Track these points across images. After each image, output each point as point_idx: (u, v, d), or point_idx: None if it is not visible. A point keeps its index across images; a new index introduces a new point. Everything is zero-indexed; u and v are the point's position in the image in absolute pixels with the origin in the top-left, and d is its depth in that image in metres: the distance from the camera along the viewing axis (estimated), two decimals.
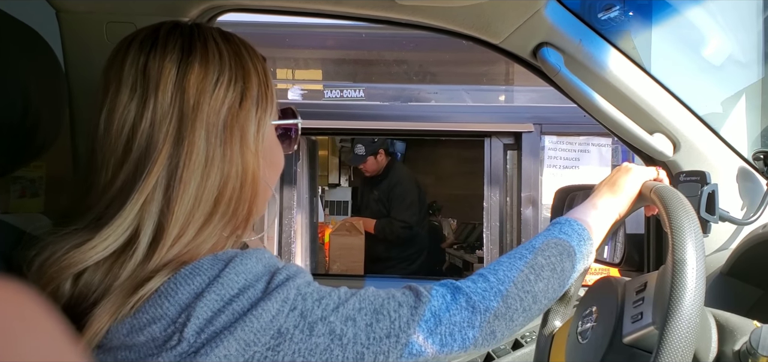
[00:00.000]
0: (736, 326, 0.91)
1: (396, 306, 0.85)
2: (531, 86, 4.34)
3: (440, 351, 0.86)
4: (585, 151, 3.81)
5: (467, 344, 0.88)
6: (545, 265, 0.96)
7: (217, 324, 0.74)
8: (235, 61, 0.89)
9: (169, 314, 0.75)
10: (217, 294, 0.76)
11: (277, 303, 0.77)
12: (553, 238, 1.00)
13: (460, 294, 0.89)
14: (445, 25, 1.35)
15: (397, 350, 0.83)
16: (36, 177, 1.51)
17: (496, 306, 0.90)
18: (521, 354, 1.91)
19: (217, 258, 0.79)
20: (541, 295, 0.95)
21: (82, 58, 1.26)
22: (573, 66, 1.32)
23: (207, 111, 0.84)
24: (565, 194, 1.61)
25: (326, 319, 0.80)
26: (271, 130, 0.95)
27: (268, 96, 0.92)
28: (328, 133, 4.89)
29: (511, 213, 3.74)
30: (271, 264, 0.82)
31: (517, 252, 0.99)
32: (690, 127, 1.36)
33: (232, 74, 0.88)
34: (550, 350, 1.27)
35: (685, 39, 1.67)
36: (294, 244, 3.88)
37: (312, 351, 0.78)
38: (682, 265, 0.83)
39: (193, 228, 0.82)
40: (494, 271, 0.94)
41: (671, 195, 0.96)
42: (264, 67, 0.94)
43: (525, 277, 0.93)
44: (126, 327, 0.75)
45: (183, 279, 0.77)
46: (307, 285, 0.82)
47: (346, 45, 4.79)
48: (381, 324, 0.83)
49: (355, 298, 0.84)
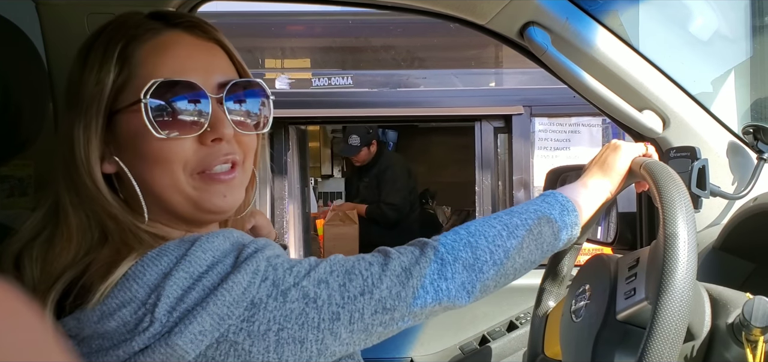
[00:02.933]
0: (729, 299, 0.91)
1: (366, 266, 0.86)
2: (520, 69, 4.33)
3: (414, 304, 0.87)
4: (575, 131, 3.82)
5: (441, 296, 0.88)
6: (520, 225, 0.97)
7: (188, 302, 0.74)
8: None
9: (139, 296, 0.74)
10: (185, 272, 0.75)
11: (248, 274, 0.77)
12: (534, 205, 1.02)
13: (429, 247, 0.90)
14: (430, 7, 1.34)
15: (371, 306, 0.83)
16: (24, 175, 1.49)
17: (464, 257, 0.91)
18: (516, 335, 1.91)
19: (183, 240, 0.79)
20: (514, 253, 0.95)
21: (63, 50, 1.24)
22: (560, 45, 1.31)
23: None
24: (556, 175, 1.61)
25: (299, 285, 0.80)
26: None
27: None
28: (317, 121, 4.87)
29: (503, 197, 3.75)
30: (238, 242, 0.82)
31: (495, 214, 1.01)
32: (679, 102, 1.36)
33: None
34: (544, 330, 1.27)
35: (671, 14, 1.67)
36: (286, 235, 3.87)
37: (287, 317, 0.78)
38: (674, 239, 0.83)
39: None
40: (466, 227, 0.96)
41: (661, 170, 0.96)
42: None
43: (497, 233, 0.95)
44: (96, 315, 0.74)
45: (150, 261, 0.76)
46: (277, 256, 0.83)
47: (334, 32, 4.78)
48: (354, 283, 0.83)
49: (325, 263, 0.85)
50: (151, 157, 0.84)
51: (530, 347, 1.32)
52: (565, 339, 1.13)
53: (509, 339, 1.92)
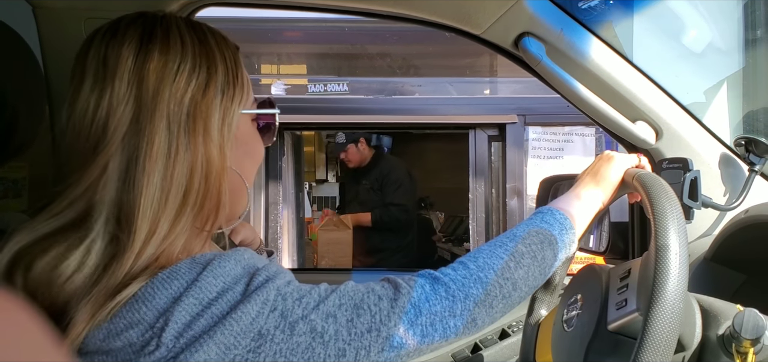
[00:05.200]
0: (720, 310, 0.92)
1: (376, 300, 0.84)
2: (515, 77, 4.34)
3: (422, 342, 0.86)
4: (569, 141, 3.83)
5: (449, 333, 0.88)
6: (526, 253, 0.96)
7: (196, 329, 0.73)
8: (200, 48, 0.87)
9: (147, 319, 0.73)
10: (195, 298, 0.74)
11: (257, 304, 0.76)
12: (534, 227, 1.01)
13: (440, 283, 0.89)
14: (426, 17, 1.34)
15: (378, 344, 0.82)
16: (18, 178, 1.49)
17: (476, 294, 0.90)
18: (508, 343, 1.92)
19: (194, 261, 0.78)
20: (521, 282, 0.95)
21: (60, 54, 1.25)
22: (555, 55, 1.32)
23: (167, 99, 0.82)
24: (549, 184, 1.61)
25: (307, 318, 0.79)
26: (245, 120, 0.94)
27: (236, 84, 0.90)
28: (312, 127, 4.88)
29: (497, 205, 3.76)
30: (250, 266, 0.81)
31: (498, 240, 0.99)
32: (672, 114, 1.37)
33: (195, 62, 0.85)
34: (536, 339, 1.28)
35: (665, 27, 1.68)
36: (281, 240, 3.87)
37: (293, 351, 0.78)
38: (665, 250, 0.84)
39: (165, 221, 0.80)
40: (474, 259, 0.94)
41: (653, 182, 0.97)
42: (234, 55, 0.92)
43: (505, 265, 0.94)
44: (103, 333, 0.74)
45: (160, 283, 0.75)
46: (287, 284, 0.81)
47: (330, 39, 4.78)
48: (362, 319, 0.82)
49: (334, 295, 0.83)
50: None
51: (522, 355, 1.32)
52: (557, 348, 1.13)
53: (501, 347, 1.92)
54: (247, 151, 0.95)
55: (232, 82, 0.89)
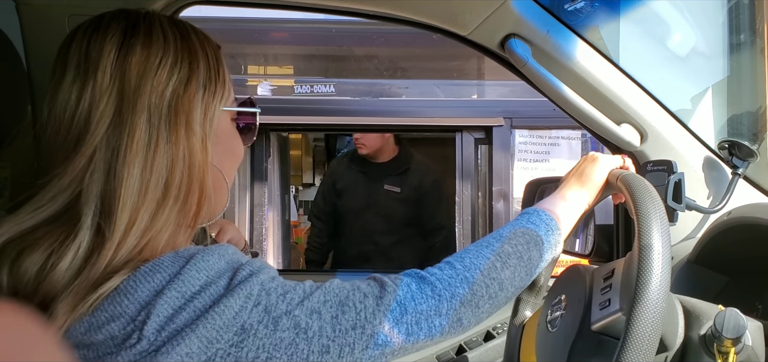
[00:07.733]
0: (702, 311, 0.92)
1: (361, 298, 0.85)
2: (501, 80, 4.34)
3: (407, 341, 0.86)
4: (555, 144, 3.84)
5: (434, 332, 0.88)
6: (512, 253, 0.97)
7: (178, 322, 0.73)
8: (182, 43, 0.87)
9: (129, 312, 0.73)
10: (177, 292, 0.74)
11: (240, 299, 0.76)
12: (520, 228, 1.01)
13: (426, 282, 0.89)
14: (413, 17, 1.34)
15: (362, 341, 0.82)
16: (0, 177, 1.48)
17: (462, 294, 0.90)
18: (493, 344, 1.92)
19: (178, 255, 0.78)
20: (507, 283, 0.95)
21: (43, 52, 1.23)
22: (541, 57, 1.33)
23: (149, 92, 0.82)
24: (535, 187, 1.62)
25: (291, 313, 0.79)
26: (225, 118, 0.94)
27: (218, 80, 0.90)
28: (299, 128, 4.86)
29: (483, 208, 3.76)
30: (233, 261, 0.81)
31: (484, 241, 0.99)
32: (657, 117, 1.37)
33: (177, 56, 0.85)
34: (520, 340, 1.28)
35: (651, 30, 1.69)
36: (266, 242, 3.85)
37: (276, 346, 0.77)
38: (649, 250, 0.84)
39: (146, 213, 0.80)
40: (461, 259, 0.94)
41: (637, 183, 0.97)
42: (216, 53, 0.92)
43: (491, 265, 0.94)
44: (84, 326, 0.73)
45: (143, 276, 0.75)
46: (271, 280, 0.81)
47: (317, 40, 4.76)
48: (347, 316, 0.82)
49: (320, 291, 0.83)
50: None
51: (506, 357, 1.33)
52: (541, 349, 1.13)
53: (486, 348, 1.92)
54: (228, 149, 0.95)
55: (214, 79, 0.89)
